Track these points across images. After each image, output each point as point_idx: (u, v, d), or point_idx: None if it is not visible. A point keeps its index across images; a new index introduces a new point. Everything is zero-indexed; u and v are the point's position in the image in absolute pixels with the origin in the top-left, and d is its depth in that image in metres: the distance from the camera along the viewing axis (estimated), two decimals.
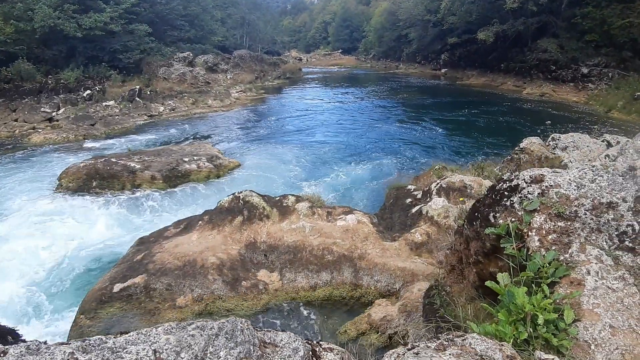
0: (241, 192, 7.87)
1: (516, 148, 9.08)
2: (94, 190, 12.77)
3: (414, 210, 7.57)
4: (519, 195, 2.91)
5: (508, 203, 2.93)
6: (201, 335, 1.44)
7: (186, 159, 14.47)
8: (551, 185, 2.88)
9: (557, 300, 2.18)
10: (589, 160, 7.60)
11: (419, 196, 8.15)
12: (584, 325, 2.03)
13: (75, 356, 1.36)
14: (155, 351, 1.37)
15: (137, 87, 28.71)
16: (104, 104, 26.88)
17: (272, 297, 6.16)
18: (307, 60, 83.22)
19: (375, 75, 56.07)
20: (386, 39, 69.28)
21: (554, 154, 8.52)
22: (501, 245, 2.71)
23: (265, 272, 6.53)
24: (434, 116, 25.43)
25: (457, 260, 3.84)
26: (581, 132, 9.96)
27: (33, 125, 22.88)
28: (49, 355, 1.37)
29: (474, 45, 42.58)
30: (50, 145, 19.05)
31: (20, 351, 1.38)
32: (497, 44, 39.02)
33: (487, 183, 7.50)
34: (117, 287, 6.40)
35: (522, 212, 2.78)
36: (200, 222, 7.63)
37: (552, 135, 9.13)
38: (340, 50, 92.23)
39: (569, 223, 2.62)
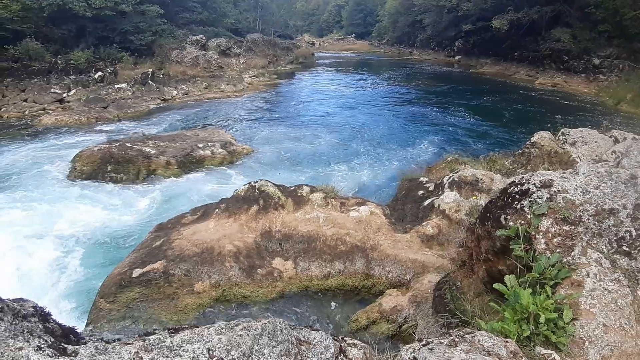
0: (257, 181, 8.08)
1: (527, 142, 9.19)
2: (109, 175, 12.89)
3: (426, 203, 7.74)
4: (529, 199, 3.07)
5: (518, 206, 3.09)
6: (248, 335, 1.63)
7: (200, 145, 14.68)
8: (559, 191, 3.03)
9: (558, 301, 2.37)
10: (597, 156, 7.70)
11: (431, 189, 8.31)
12: (581, 324, 2.23)
13: (139, 355, 1.54)
14: (209, 349, 1.56)
15: (150, 70, 28.79)
16: (116, 86, 26.97)
17: (287, 284, 6.40)
18: (320, 44, 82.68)
19: (389, 61, 55.73)
20: (400, 24, 68.60)
21: (564, 148, 8.61)
22: (510, 247, 2.88)
23: (280, 261, 6.77)
24: (447, 104, 25.39)
25: (468, 256, 4.02)
26: (590, 125, 10.06)
27: (43, 106, 22.78)
28: (117, 355, 1.56)
29: (488, 32, 42.13)
30: (62, 127, 19.09)
31: (91, 351, 1.57)
32: (511, 32, 38.63)
33: (498, 177, 7.63)
34: (136, 272, 6.63)
35: (531, 216, 2.95)
36: (217, 210, 7.86)
37: (562, 130, 9.23)
38: (353, 35, 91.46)
39: (573, 227, 2.78)
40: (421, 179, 9.09)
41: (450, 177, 7.88)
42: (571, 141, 8.80)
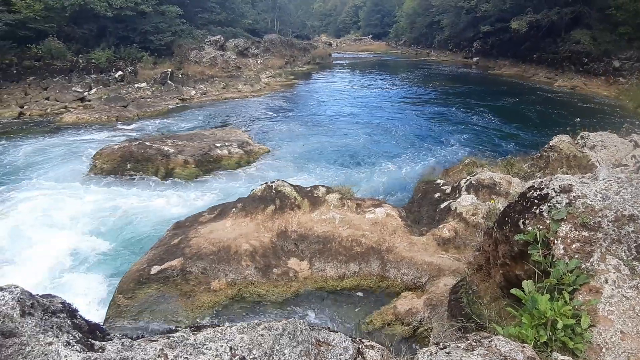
0: (274, 181, 8.14)
1: (546, 146, 9.10)
2: (128, 173, 13.15)
3: (442, 205, 7.71)
4: (548, 204, 3.06)
5: (537, 211, 3.08)
6: (269, 334, 1.67)
7: (218, 145, 14.83)
8: (578, 196, 3.02)
9: (576, 307, 2.36)
10: (616, 160, 7.59)
11: (448, 191, 8.27)
12: (598, 330, 2.23)
13: (164, 352, 1.60)
14: (231, 348, 1.60)
15: (169, 70, 29.16)
16: (135, 85, 27.41)
17: (302, 284, 6.45)
18: (337, 45, 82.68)
19: (406, 62, 55.49)
20: (418, 24, 68.25)
21: (583, 152, 8.50)
22: (529, 252, 2.87)
23: (295, 261, 6.82)
24: (465, 106, 25.20)
25: (485, 260, 4.01)
26: (610, 129, 9.92)
27: (65, 104, 23.25)
28: (142, 351, 1.61)
29: (506, 34, 41.68)
30: (83, 126, 19.48)
31: (118, 347, 1.62)
32: (530, 33, 38.16)
33: (516, 181, 7.57)
34: (154, 269, 6.74)
35: (550, 221, 2.93)
36: (233, 209, 7.94)
37: (582, 133, 9.12)
38: (370, 36, 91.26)
39: (592, 233, 2.76)
40: (438, 181, 9.06)
41: (467, 179, 7.83)
42: (590, 145, 8.69)
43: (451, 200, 7.61)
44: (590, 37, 33.63)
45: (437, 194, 8.44)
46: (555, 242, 2.80)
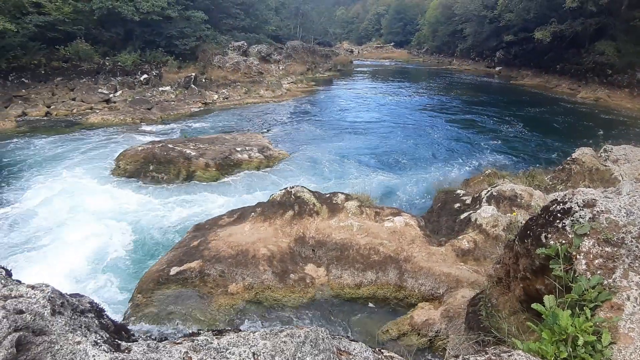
0: (293, 187, 8.19)
1: (568, 158, 8.97)
2: (150, 174, 13.35)
3: (462, 216, 7.64)
4: (571, 218, 3.02)
5: (560, 225, 3.04)
6: (291, 341, 1.70)
7: (238, 149, 14.98)
8: (602, 211, 2.98)
9: (597, 323, 2.33)
10: (639, 174, 7.43)
11: (468, 202, 8.20)
12: (618, 348, 2.20)
13: (189, 355, 1.63)
14: (254, 354, 1.63)
15: (193, 74, 29.64)
16: (160, 89, 27.90)
17: (318, 291, 6.46)
18: (358, 52, 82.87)
19: (428, 71, 55.28)
20: (440, 33, 67.97)
21: (605, 165, 8.35)
22: (550, 266, 2.84)
23: (312, 267, 6.84)
24: (486, 116, 24.99)
25: (505, 273, 3.97)
26: (634, 142, 9.73)
27: (90, 105, 23.81)
28: (167, 353, 1.64)
29: (530, 44, 41.25)
30: (108, 127, 19.89)
31: (144, 349, 1.66)
32: (554, 44, 37.69)
33: (538, 193, 7.46)
34: (173, 270, 6.84)
35: (573, 235, 2.90)
36: (252, 213, 8.01)
37: (605, 146, 8.96)
38: (392, 43, 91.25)
39: (615, 249, 2.72)
40: (458, 191, 8.99)
41: (488, 191, 7.76)
42: (613, 158, 8.53)
43: (471, 211, 7.54)
44: (615, 49, 33.16)
45: (457, 204, 8.38)
46: (578, 257, 2.77)
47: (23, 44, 24.55)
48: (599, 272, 2.65)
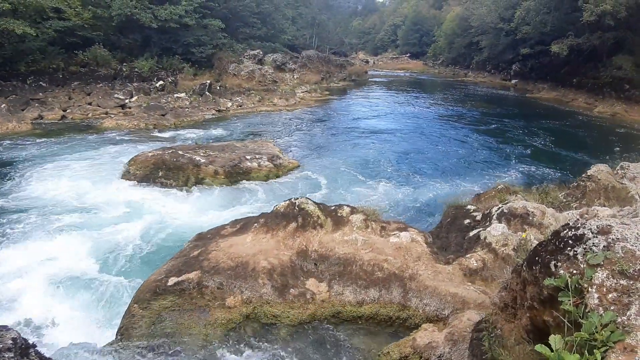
0: (297, 198, 8.00)
1: (583, 175, 8.67)
2: (159, 180, 13.36)
3: (471, 233, 7.36)
4: (584, 246, 2.78)
5: (571, 253, 2.80)
6: None
7: (248, 157, 14.87)
8: (618, 239, 2.73)
9: None
10: None
11: (479, 218, 7.92)
12: None
13: None
14: None
15: (208, 81, 29.83)
16: (175, 95, 28.11)
17: (318, 307, 6.22)
18: (373, 62, 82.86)
19: (443, 82, 55.01)
20: (456, 45, 67.64)
21: (622, 183, 8.03)
22: (559, 299, 2.60)
23: (313, 282, 6.61)
24: (501, 129, 24.65)
25: (512, 299, 3.72)
26: None
27: (106, 110, 24.17)
28: None
29: (546, 57, 40.73)
30: (121, 131, 20.11)
31: None
32: (571, 57, 37.20)
33: (551, 211, 7.17)
34: (171, 281, 6.64)
35: (585, 265, 2.66)
36: (255, 224, 7.83)
37: (621, 163, 8.68)
38: (408, 54, 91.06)
39: (631, 282, 2.47)
40: (468, 207, 8.70)
41: (499, 207, 7.47)
42: (630, 176, 8.22)
43: (481, 229, 7.26)
44: (633, 63, 32.71)
45: (467, 221, 8.09)
46: (590, 290, 2.52)
47: (42, 48, 25.00)
48: (612, 307, 2.40)
